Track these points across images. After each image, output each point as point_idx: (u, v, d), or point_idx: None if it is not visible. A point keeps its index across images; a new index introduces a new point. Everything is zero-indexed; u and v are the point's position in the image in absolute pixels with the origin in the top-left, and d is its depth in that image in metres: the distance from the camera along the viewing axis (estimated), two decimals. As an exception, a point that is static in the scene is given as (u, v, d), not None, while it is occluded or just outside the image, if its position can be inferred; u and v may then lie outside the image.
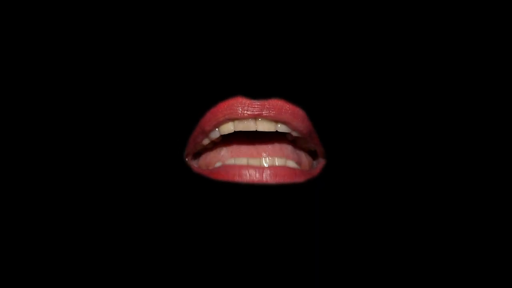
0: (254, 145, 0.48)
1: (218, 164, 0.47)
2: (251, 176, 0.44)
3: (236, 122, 0.46)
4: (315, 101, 0.45)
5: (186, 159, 0.46)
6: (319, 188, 0.45)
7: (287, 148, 0.48)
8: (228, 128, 0.46)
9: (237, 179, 0.44)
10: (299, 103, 0.45)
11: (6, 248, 0.47)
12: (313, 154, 0.49)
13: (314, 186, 0.45)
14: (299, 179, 0.45)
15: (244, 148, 0.48)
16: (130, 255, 0.45)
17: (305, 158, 0.49)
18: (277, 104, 0.45)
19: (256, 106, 0.45)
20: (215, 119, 0.45)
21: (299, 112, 0.45)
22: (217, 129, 0.47)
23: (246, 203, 0.44)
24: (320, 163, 0.47)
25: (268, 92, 0.45)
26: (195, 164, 0.48)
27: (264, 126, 0.46)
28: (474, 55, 0.48)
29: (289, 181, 0.45)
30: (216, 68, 0.45)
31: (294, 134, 0.47)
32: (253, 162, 0.47)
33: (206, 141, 0.47)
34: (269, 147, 0.48)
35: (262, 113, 0.45)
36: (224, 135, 0.47)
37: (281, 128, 0.47)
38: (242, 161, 0.47)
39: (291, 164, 0.47)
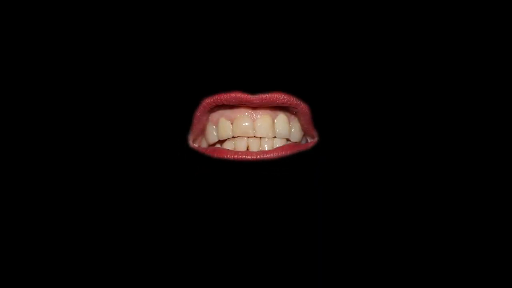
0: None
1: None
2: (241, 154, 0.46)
3: (234, 125, 0.48)
4: (312, 93, 0.47)
5: (191, 143, 0.47)
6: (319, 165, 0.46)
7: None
8: (227, 133, 0.48)
9: (231, 156, 0.46)
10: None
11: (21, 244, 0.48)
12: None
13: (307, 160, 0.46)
14: (289, 151, 0.46)
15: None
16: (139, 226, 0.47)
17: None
18: (273, 96, 0.46)
19: (254, 98, 0.46)
20: (215, 103, 0.46)
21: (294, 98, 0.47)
22: (215, 132, 0.48)
23: (243, 178, 0.45)
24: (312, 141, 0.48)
25: (265, 86, 0.46)
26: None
27: (262, 131, 0.48)
28: (467, 54, 0.48)
29: (279, 155, 0.46)
30: (216, 63, 0.46)
31: (293, 138, 0.48)
32: (253, 142, 0.48)
33: (204, 143, 0.49)
34: None
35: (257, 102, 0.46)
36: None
37: (280, 132, 0.48)
38: (242, 141, 0.48)
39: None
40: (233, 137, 0.48)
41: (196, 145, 0.47)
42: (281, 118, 0.48)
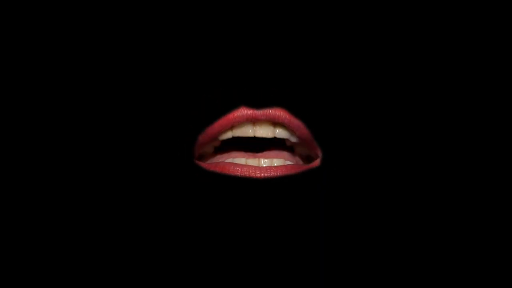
0: (252, 152, 0.50)
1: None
2: (249, 170, 0.46)
3: (234, 129, 0.48)
4: (313, 108, 0.47)
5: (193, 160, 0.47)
6: (321, 180, 0.47)
7: (284, 153, 0.50)
8: (227, 135, 0.48)
9: (233, 171, 0.46)
10: (298, 110, 0.47)
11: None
12: (310, 160, 0.50)
13: (314, 178, 0.46)
14: (295, 170, 0.46)
15: (243, 154, 0.50)
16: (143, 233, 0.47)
17: (301, 162, 0.50)
18: (275, 112, 0.46)
19: (258, 114, 0.46)
20: (223, 129, 0.47)
21: (296, 120, 0.47)
22: None
23: (246, 196, 0.46)
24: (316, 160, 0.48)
25: (268, 99, 0.47)
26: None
27: (262, 132, 0.47)
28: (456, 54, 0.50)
29: (286, 173, 0.46)
30: (219, 73, 0.46)
31: (293, 139, 0.48)
32: (252, 162, 0.48)
33: (208, 148, 0.49)
34: (267, 153, 0.50)
35: (262, 118, 0.46)
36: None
37: (280, 133, 0.48)
38: (241, 161, 0.49)
39: (289, 163, 0.49)
40: (233, 137, 0.48)
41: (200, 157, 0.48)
42: None
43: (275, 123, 0.47)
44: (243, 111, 0.46)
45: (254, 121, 0.47)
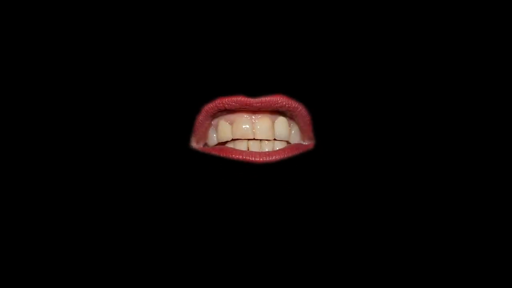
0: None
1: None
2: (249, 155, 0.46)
3: (234, 128, 0.48)
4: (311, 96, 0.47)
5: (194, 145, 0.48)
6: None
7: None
8: (226, 135, 0.48)
9: (235, 156, 0.46)
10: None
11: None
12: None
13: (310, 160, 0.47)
14: (294, 152, 0.46)
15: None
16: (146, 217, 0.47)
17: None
18: (272, 99, 0.47)
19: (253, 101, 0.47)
20: (216, 108, 0.47)
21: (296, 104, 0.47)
22: (214, 135, 0.48)
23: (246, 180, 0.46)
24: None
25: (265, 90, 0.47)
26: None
27: (261, 134, 0.48)
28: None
29: (285, 156, 0.46)
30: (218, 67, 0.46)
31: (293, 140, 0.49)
32: (253, 146, 0.49)
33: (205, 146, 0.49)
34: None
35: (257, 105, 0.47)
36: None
37: (279, 132, 0.48)
38: (242, 144, 0.49)
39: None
40: (232, 139, 0.48)
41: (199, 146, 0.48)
42: (281, 120, 0.48)
43: (273, 114, 0.48)
44: (239, 97, 0.46)
45: (252, 111, 0.47)
